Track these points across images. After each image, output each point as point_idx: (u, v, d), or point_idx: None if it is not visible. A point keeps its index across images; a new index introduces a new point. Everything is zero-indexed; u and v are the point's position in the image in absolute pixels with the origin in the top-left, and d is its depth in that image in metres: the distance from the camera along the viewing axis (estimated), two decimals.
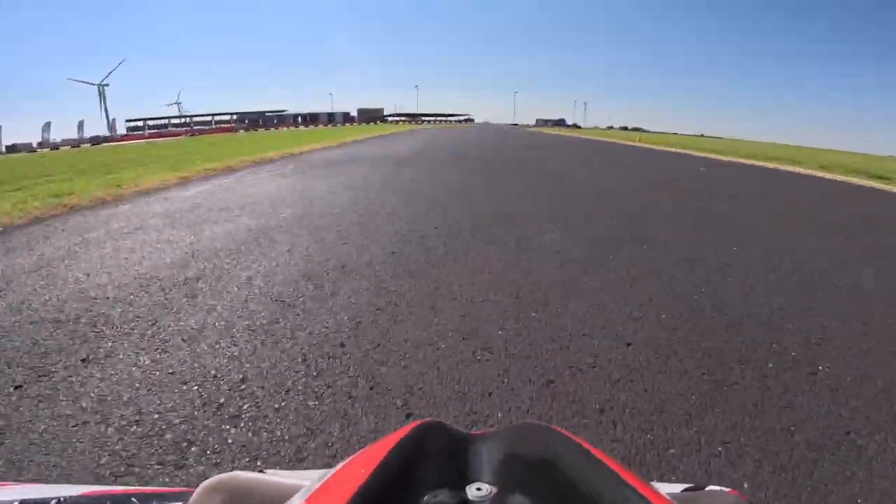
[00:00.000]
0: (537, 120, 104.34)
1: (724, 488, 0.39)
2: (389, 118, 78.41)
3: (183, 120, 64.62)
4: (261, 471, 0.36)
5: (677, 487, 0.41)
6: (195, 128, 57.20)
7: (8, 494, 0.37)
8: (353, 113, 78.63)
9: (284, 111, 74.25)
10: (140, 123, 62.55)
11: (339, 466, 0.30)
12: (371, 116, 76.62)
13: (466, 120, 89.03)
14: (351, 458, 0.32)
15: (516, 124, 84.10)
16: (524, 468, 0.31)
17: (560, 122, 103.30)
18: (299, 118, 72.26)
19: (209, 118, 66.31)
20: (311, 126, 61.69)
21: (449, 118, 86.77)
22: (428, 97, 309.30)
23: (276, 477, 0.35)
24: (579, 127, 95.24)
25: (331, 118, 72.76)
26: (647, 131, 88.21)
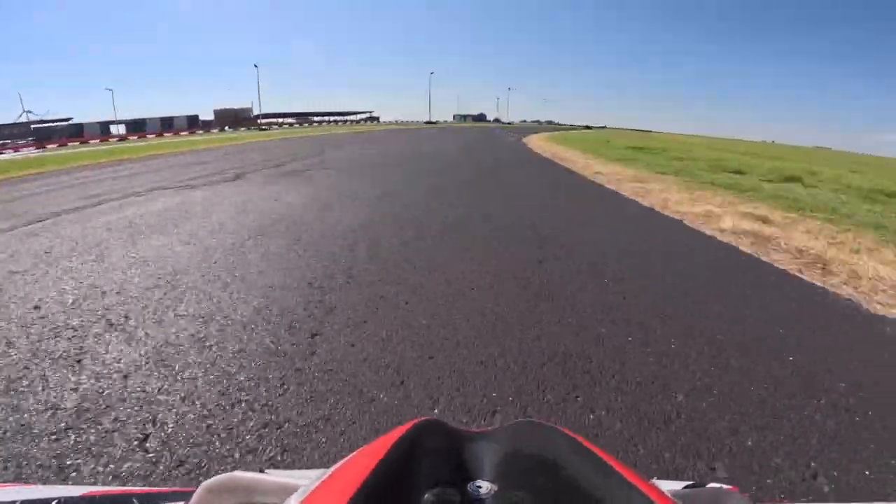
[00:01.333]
0: (455, 116, 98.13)
1: (724, 485, 0.39)
2: (263, 120, 54.81)
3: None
4: (261, 470, 0.36)
5: (678, 485, 0.42)
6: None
7: (8, 495, 0.36)
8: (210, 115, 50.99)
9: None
10: None
11: (338, 465, 0.30)
12: (233, 119, 53.37)
13: (370, 119, 73.22)
14: (350, 456, 0.31)
15: (434, 122, 73.20)
16: (524, 466, 0.32)
17: (480, 118, 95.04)
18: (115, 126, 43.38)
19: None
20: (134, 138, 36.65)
21: (346, 118, 69.84)
22: (328, 93, 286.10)
23: (276, 476, 0.35)
24: (500, 122, 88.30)
25: (166, 124, 45.02)
26: (561, 125, 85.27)
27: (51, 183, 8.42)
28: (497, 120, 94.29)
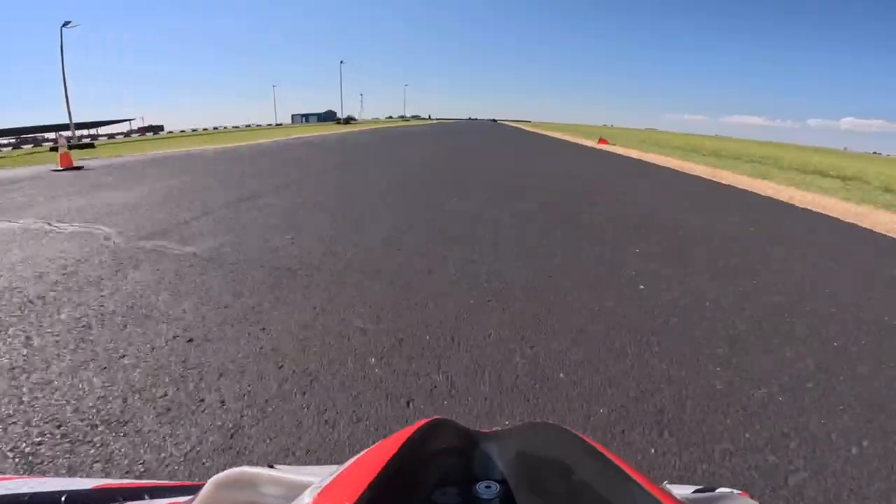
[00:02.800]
0: (294, 116, 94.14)
1: (734, 490, 0.39)
2: None
3: None
4: (270, 466, 0.36)
5: (688, 489, 0.41)
6: None
7: (17, 486, 0.36)
8: None
9: None
10: None
11: (348, 463, 0.30)
12: None
13: (153, 128, 51.59)
14: (360, 454, 0.32)
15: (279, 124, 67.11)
16: (533, 466, 0.32)
17: (328, 116, 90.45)
18: None
19: None
20: None
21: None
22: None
23: (285, 472, 0.35)
24: (354, 120, 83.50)
25: None
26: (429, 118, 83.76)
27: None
28: (350, 119, 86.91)
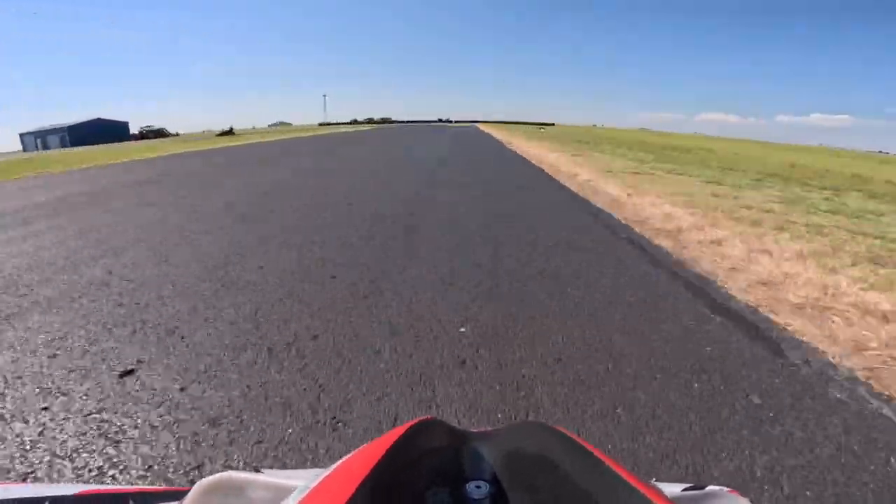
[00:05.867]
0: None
1: (724, 488, 0.39)
2: None
3: None
4: (256, 470, 0.36)
5: (677, 487, 0.42)
6: None
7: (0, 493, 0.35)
8: None
9: None
10: None
11: (335, 465, 0.30)
12: None
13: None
14: (347, 456, 0.31)
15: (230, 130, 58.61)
16: (523, 466, 0.32)
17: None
18: None
19: None
20: None
21: None
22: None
23: (272, 476, 0.34)
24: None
25: None
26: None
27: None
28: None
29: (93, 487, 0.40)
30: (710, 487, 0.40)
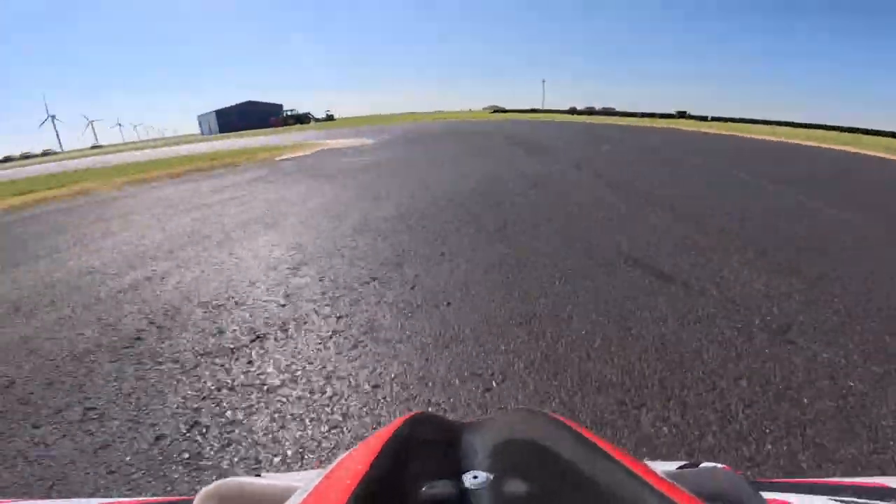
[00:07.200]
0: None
1: (717, 465, 0.39)
2: None
3: None
4: (257, 475, 0.37)
5: (672, 465, 0.41)
6: None
7: None
8: None
9: None
10: None
11: (333, 465, 0.30)
12: None
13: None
14: (344, 455, 0.32)
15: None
16: (519, 454, 0.32)
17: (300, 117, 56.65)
18: None
19: None
20: None
21: None
22: None
23: (273, 480, 0.35)
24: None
25: None
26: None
27: None
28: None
29: (98, 501, 0.39)
30: (704, 464, 0.40)
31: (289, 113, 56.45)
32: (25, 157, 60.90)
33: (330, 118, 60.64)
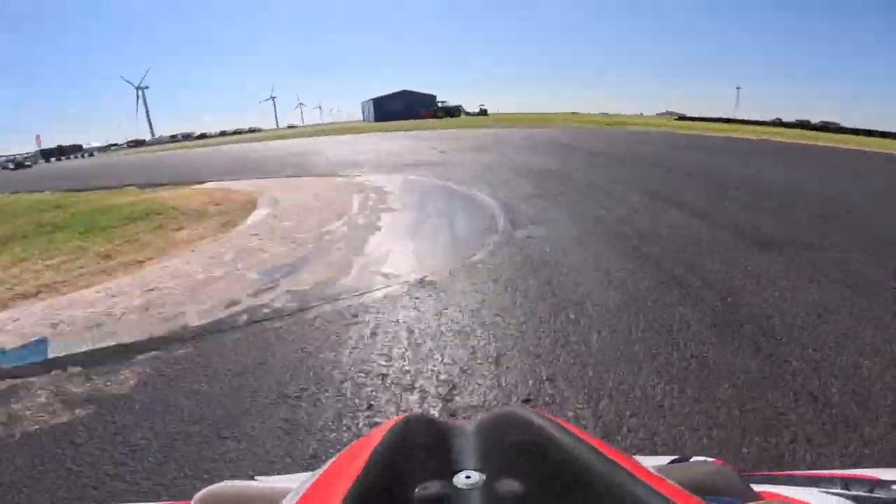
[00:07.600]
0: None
1: (709, 459, 0.40)
2: None
3: None
4: (252, 478, 0.39)
5: (664, 460, 0.43)
6: None
7: None
8: None
9: None
10: None
11: (325, 466, 0.31)
12: None
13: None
14: (337, 456, 0.32)
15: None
16: (510, 453, 0.32)
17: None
18: None
19: None
20: None
21: None
22: None
23: (267, 482, 0.38)
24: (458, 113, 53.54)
25: None
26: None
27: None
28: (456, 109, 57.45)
29: None
30: (695, 458, 0.43)
31: (440, 105, 54.68)
32: (237, 132, 63.09)
33: (483, 112, 56.42)
